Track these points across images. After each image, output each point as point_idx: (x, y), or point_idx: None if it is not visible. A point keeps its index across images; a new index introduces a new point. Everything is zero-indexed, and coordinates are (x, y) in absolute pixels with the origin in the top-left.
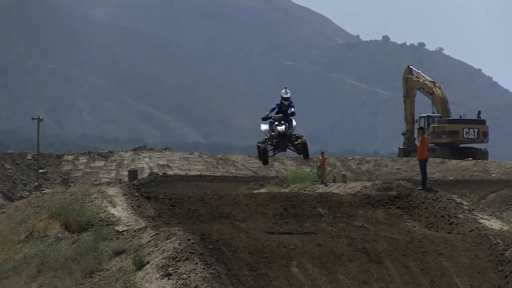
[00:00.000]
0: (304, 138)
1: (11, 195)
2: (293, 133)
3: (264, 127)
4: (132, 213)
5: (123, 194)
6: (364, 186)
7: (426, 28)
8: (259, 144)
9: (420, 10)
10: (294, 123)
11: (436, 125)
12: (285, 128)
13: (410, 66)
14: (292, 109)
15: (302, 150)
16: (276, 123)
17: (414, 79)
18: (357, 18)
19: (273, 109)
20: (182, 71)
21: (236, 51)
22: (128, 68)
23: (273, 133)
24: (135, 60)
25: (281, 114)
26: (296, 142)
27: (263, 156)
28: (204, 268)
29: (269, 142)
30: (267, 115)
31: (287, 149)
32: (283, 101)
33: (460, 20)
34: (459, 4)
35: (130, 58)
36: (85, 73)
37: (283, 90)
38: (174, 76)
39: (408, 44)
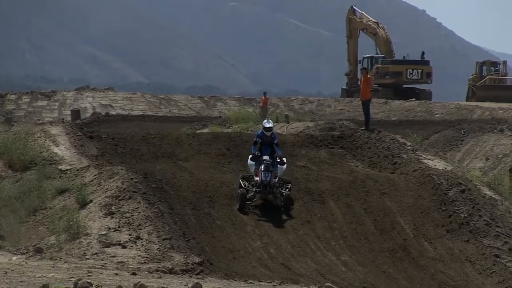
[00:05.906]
0: (289, 189)
1: None
2: (280, 178)
3: (251, 163)
4: (75, 152)
5: (66, 134)
6: (307, 126)
7: None
8: (240, 182)
9: None
10: (283, 167)
11: (380, 66)
12: (270, 178)
13: (354, 7)
14: (280, 154)
15: (284, 203)
16: (262, 168)
17: (358, 19)
18: None
19: (256, 143)
20: (124, 14)
21: None
22: (70, 10)
23: (257, 178)
24: (78, 2)
25: (271, 160)
26: (281, 191)
27: (240, 201)
28: (147, 207)
29: (252, 183)
30: (255, 154)
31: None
32: (264, 132)
33: None
34: None
35: (72, 1)
36: (28, 14)
37: (265, 120)
38: (117, 19)
39: None
